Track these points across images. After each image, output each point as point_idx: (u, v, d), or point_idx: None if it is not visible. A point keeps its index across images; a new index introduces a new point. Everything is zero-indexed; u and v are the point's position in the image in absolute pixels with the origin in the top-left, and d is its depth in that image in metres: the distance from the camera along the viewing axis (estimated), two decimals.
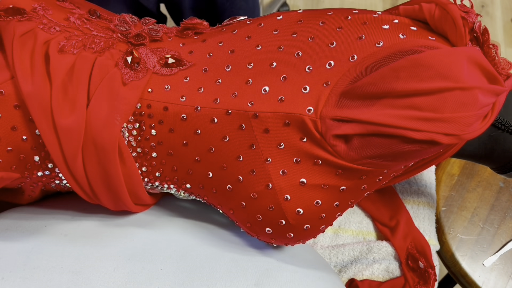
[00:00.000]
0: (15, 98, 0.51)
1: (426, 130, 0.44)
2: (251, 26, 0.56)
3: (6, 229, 0.58)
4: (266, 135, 0.50)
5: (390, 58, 0.47)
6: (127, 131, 0.54)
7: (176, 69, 0.53)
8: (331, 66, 0.49)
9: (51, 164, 0.55)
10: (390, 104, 0.45)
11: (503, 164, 0.60)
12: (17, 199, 0.65)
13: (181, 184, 0.57)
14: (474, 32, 0.49)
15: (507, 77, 0.49)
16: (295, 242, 0.57)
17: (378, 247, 0.75)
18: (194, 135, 0.52)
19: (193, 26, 0.57)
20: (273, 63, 0.51)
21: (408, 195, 0.82)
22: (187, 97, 0.52)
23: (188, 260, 0.56)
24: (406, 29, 0.50)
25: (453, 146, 0.58)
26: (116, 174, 0.54)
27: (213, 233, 0.62)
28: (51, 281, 0.51)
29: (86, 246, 0.56)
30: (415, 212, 0.80)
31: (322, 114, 0.48)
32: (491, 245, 0.79)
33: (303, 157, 0.49)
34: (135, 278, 0.52)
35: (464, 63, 0.44)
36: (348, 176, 0.50)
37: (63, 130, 0.51)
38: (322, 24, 0.52)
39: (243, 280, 0.54)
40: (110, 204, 0.59)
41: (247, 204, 0.53)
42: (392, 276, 0.73)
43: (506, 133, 0.57)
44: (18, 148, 0.53)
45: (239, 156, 0.51)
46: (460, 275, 0.78)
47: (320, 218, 0.53)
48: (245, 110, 0.50)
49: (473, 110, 0.44)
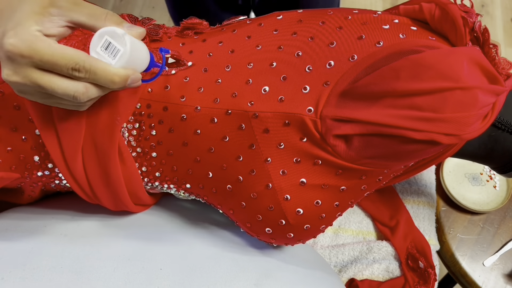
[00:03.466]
0: (15, 98, 0.51)
1: (426, 130, 0.44)
2: (251, 26, 0.55)
3: (6, 229, 0.58)
4: (266, 135, 0.50)
5: (390, 58, 0.47)
6: (127, 131, 0.54)
7: (176, 69, 0.53)
8: (331, 66, 0.49)
9: (51, 164, 0.55)
10: (390, 104, 0.45)
11: (503, 164, 0.60)
12: (17, 199, 0.65)
13: (181, 184, 0.57)
14: (474, 32, 0.49)
15: (507, 77, 0.49)
16: (295, 242, 0.57)
17: (378, 247, 0.75)
18: (194, 135, 0.52)
19: (193, 26, 0.57)
20: (273, 63, 0.51)
21: (408, 195, 0.82)
22: (187, 97, 0.52)
23: (188, 260, 0.56)
24: (406, 29, 0.50)
25: (453, 146, 0.58)
26: (116, 174, 0.54)
27: (213, 233, 0.62)
28: (51, 281, 0.51)
29: (86, 246, 0.56)
30: (415, 212, 0.80)
31: (322, 114, 0.47)
32: (491, 245, 0.79)
33: (303, 157, 0.49)
34: (135, 278, 0.52)
35: (464, 63, 0.44)
36: (348, 176, 0.50)
37: (63, 130, 0.51)
38: (322, 24, 0.52)
39: (243, 280, 0.54)
40: (110, 204, 0.59)
41: (247, 204, 0.53)
42: (392, 276, 0.73)
43: (506, 133, 0.57)
44: (18, 148, 0.53)
45: (239, 156, 0.51)
46: (460, 275, 0.78)
47: (320, 218, 0.53)
48: (245, 110, 0.50)
49: (473, 110, 0.44)
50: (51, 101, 0.44)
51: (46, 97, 0.43)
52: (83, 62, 0.41)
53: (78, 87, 0.41)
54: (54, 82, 0.41)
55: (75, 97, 0.42)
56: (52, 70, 0.40)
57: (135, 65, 0.44)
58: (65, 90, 0.41)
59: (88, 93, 0.42)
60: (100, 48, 0.43)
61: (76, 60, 0.40)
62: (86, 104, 0.45)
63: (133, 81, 0.44)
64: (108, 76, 0.42)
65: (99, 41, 0.43)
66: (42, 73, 0.40)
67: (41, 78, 0.40)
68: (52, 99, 0.43)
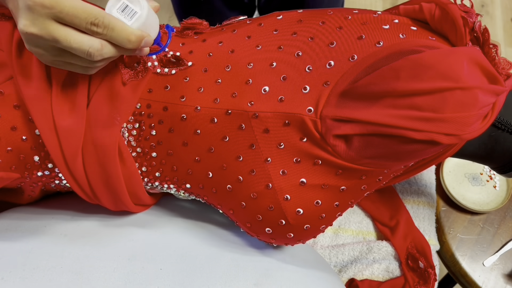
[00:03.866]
0: (15, 98, 0.51)
1: (426, 130, 0.44)
2: (251, 26, 0.55)
3: (6, 229, 0.58)
4: (266, 135, 0.50)
5: (390, 58, 0.47)
6: (127, 131, 0.54)
7: (176, 69, 0.53)
8: (331, 66, 0.49)
9: (51, 164, 0.55)
10: (390, 104, 0.45)
11: (503, 164, 0.60)
12: (17, 199, 0.65)
13: (181, 184, 0.57)
14: (474, 32, 0.49)
15: (507, 77, 0.49)
16: (295, 242, 0.57)
17: (378, 247, 0.75)
18: (194, 135, 0.52)
19: (193, 26, 0.57)
20: (273, 63, 0.51)
21: (408, 195, 0.82)
22: (187, 97, 0.52)
23: (188, 260, 0.56)
24: (406, 29, 0.50)
25: (453, 146, 0.58)
26: (116, 174, 0.54)
27: (213, 233, 0.62)
28: (51, 281, 0.51)
29: (86, 246, 0.56)
30: (415, 212, 0.80)
31: (322, 114, 0.47)
32: (491, 245, 0.79)
33: (303, 157, 0.49)
34: (135, 278, 0.52)
35: (464, 63, 0.44)
36: (348, 176, 0.50)
37: (63, 130, 0.51)
38: (322, 24, 0.52)
39: (243, 280, 0.54)
40: (110, 204, 0.59)
41: (247, 204, 0.53)
42: (392, 276, 0.73)
43: (506, 133, 0.57)
44: (18, 148, 0.53)
45: (239, 156, 0.51)
46: (460, 275, 0.78)
47: (320, 218, 0.53)
48: (245, 110, 0.50)
49: (473, 110, 0.44)
50: (61, 60, 0.44)
51: (57, 55, 0.43)
52: (102, 18, 0.42)
53: (94, 43, 0.42)
54: (71, 35, 0.41)
55: (89, 53, 0.42)
56: (71, 23, 0.41)
57: (148, 31, 0.45)
58: (80, 44, 0.42)
59: (102, 50, 0.43)
60: (117, 10, 0.44)
61: (96, 15, 0.41)
62: (96, 65, 0.45)
63: (146, 44, 0.45)
64: (125, 33, 0.43)
65: (116, 3, 0.44)
66: (60, 26, 0.41)
67: (58, 30, 0.41)
68: (63, 57, 0.43)
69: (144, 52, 0.47)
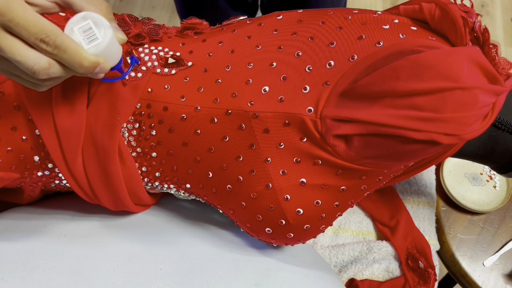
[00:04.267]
0: (15, 98, 0.51)
1: (426, 130, 0.44)
2: (251, 26, 0.55)
3: (6, 229, 0.58)
4: (266, 135, 0.50)
5: (390, 58, 0.47)
6: (127, 131, 0.54)
7: (176, 69, 0.53)
8: (331, 66, 0.49)
9: (51, 164, 0.55)
10: (390, 104, 0.45)
11: (503, 164, 0.60)
12: (17, 199, 0.65)
13: (181, 184, 0.57)
14: (474, 32, 0.49)
15: (507, 77, 0.49)
16: (295, 242, 0.57)
17: (378, 247, 0.75)
18: (194, 135, 0.52)
19: (193, 26, 0.57)
20: (273, 63, 0.51)
21: (408, 195, 0.82)
22: (187, 97, 0.52)
23: (188, 260, 0.56)
24: (406, 29, 0.50)
25: (453, 146, 0.58)
26: (116, 174, 0.54)
27: (213, 233, 0.62)
28: (51, 281, 0.51)
29: (86, 246, 0.56)
30: (415, 212, 0.80)
31: (322, 114, 0.47)
32: (491, 245, 0.79)
33: (303, 157, 0.49)
34: (135, 278, 0.52)
35: (464, 63, 0.44)
36: (348, 176, 0.50)
37: (63, 130, 0.51)
38: (322, 24, 0.52)
39: (243, 280, 0.54)
40: (110, 204, 0.59)
41: (247, 204, 0.53)
42: (392, 276, 0.73)
43: (506, 133, 0.57)
44: (18, 148, 0.53)
45: (239, 156, 0.51)
46: (460, 275, 0.78)
47: (320, 218, 0.53)
48: (245, 110, 0.50)
49: (473, 110, 0.44)
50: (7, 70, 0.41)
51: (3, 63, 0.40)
52: (54, 37, 0.38)
53: (41, 60, 0.39)
54: (17, 47, 0.38)
55: (34, 70, 0.39)
56: (19, 35, 0.38)
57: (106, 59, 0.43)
58: (26, 58, 0.38)
59: (49, 70, 0.40)
60: (78, 29, 0.41)
61: (48, 32, 0.38)
62: (44, 84, 0.42)
63: (101, 70, 0.42)
64: (78, 58, 0.40)
65: (81, 22, 0.41)
66: (8, 35, 0.38)
67: (5, 39, 0.38)
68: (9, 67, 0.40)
69: (98, 76, 0.44)
